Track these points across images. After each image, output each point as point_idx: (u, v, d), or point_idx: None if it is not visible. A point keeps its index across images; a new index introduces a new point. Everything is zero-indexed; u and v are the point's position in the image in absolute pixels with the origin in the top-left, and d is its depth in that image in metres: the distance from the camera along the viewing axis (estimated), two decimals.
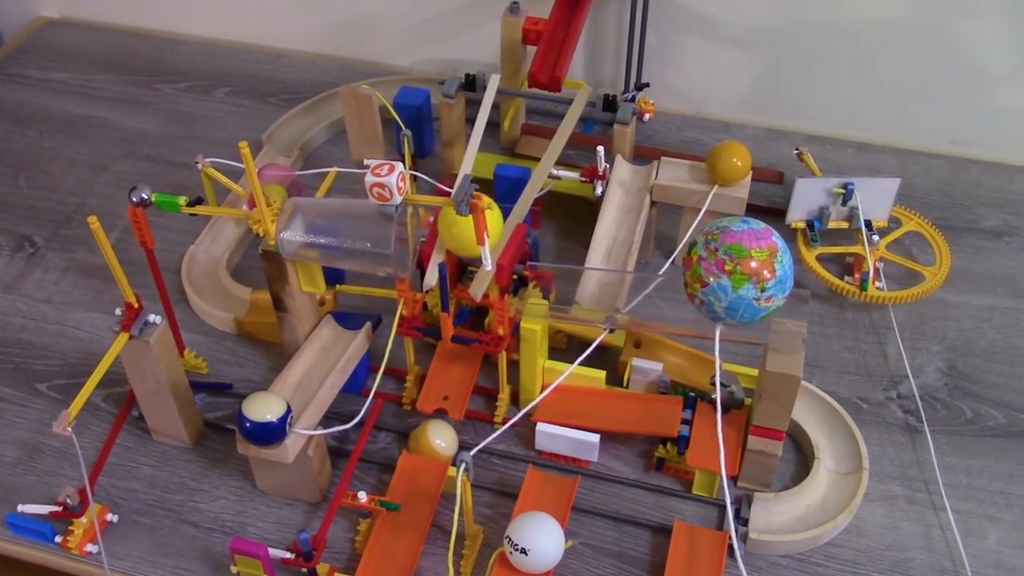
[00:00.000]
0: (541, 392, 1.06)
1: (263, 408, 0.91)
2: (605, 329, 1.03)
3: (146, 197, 0.99)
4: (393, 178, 0.91)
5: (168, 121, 1.48)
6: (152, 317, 0.95)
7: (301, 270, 1.02)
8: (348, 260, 0.97)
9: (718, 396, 0.94)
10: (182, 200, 1.01)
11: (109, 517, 0.99)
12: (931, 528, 1.00)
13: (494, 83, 1.23)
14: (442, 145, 1.32)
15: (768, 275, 0.87)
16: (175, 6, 1.64)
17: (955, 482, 1.03)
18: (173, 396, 1.00)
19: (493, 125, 1.43)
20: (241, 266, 1.25)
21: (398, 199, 0.93)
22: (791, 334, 0.93)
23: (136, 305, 0.95)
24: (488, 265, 0.98)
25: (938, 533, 1.00)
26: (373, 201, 0.92)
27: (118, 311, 0.95)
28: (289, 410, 0.93)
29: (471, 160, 1.15)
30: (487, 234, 0.96)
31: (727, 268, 0.87)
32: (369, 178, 0.93)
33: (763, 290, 0.87)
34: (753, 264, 0.87)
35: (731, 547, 0.94)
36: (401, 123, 1.22)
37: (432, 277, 1.03)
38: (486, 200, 0.97)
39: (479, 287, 0.99)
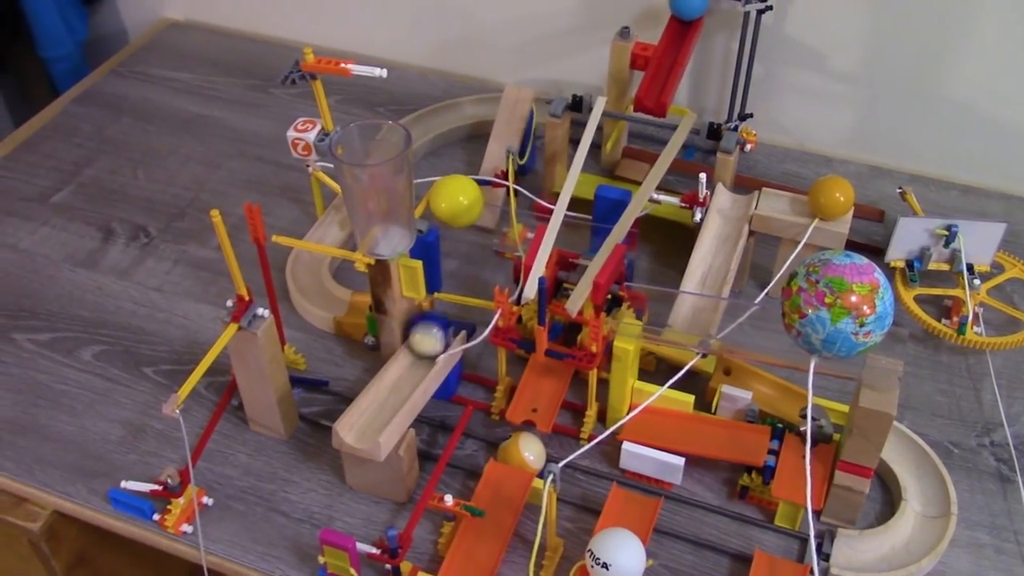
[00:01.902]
0: (629, 412, 1.07)
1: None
2: (697, 354, 1.04)
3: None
4: (312, 134, 1.13)
5: (280, 124, 1.52)
6: (260, 311, 0.99)
7: (404, 276, 1.05)
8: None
9: (808, 428, 0.94)
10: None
11: (205, 500, 1.03)
12: None
13: (600, 105, 1.25)
14: (544, 162, 1.34)
15: (868, 310, 0.87)
16: (293, 15, 1.70)
17: None
18: (273, 388, 1.04)
19: (595, 146, 1.45)
20: (343, 267, 1.29)
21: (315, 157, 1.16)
22: (886, 371, 0.92)
23: (247, 298, 0.98)
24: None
25: None
26: None
27: (229, 302, 0.99)
28: None
29: (574, 180, 1.17)
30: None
31: (827, 301, 0.87)
32: (291, 133, 1.14)
33: (862, 325, 0.87)
34: (853, 298, 0.87)
35: None
36: (532, 136, 1.28)
37: (531, 290, 1.05)
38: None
39: (576, 303, 1.01)
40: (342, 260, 1.30)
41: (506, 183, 1.27)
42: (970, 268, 1.20)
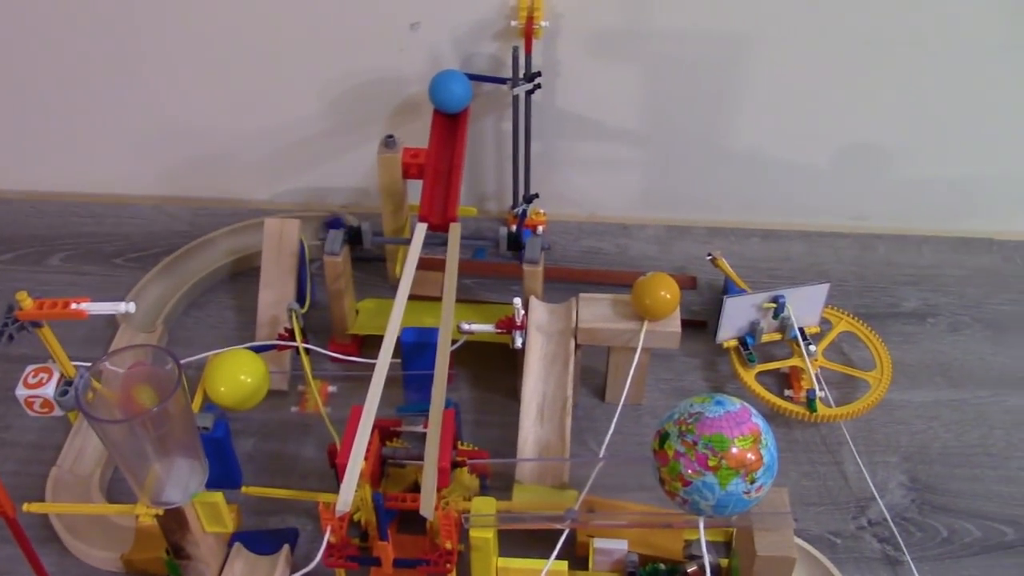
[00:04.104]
0: None
1: None
2: (566, 527, 0.91)
3: None
4: (50, 388, 0.87)
5: None
6: None
7: (203, 512, 0.86)
8: None
9: None
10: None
11: None
12: None
13: (420, 233, 1.09)
14: (329, 300, 1.17)
15: (755, 462, 0.77)
16: None
17: None
18: None
19: (378, 261, 1.30)
20: (117, 482, 1.07)
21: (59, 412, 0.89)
22: (777, 514, 0.83)
23: None
24: None
25: None
26: None
27: None
28: None
29: (397, 325, 1.00)
30: None
31: (711, 464, 0.77)
32: (21, 391, 0.87)
33: (753, 482, 0.77)
34: (735, 451, 0.77)
35: None
36: (308, 270, 1.17)
37: (348, 495, 0.88)
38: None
39: (429, 505, 0.85)
40: (114, 472, 1.08)
41: (294, 344, 1.09)
42: (801, 332, 1.14)
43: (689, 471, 0.78)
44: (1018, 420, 1.13)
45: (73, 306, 0.78)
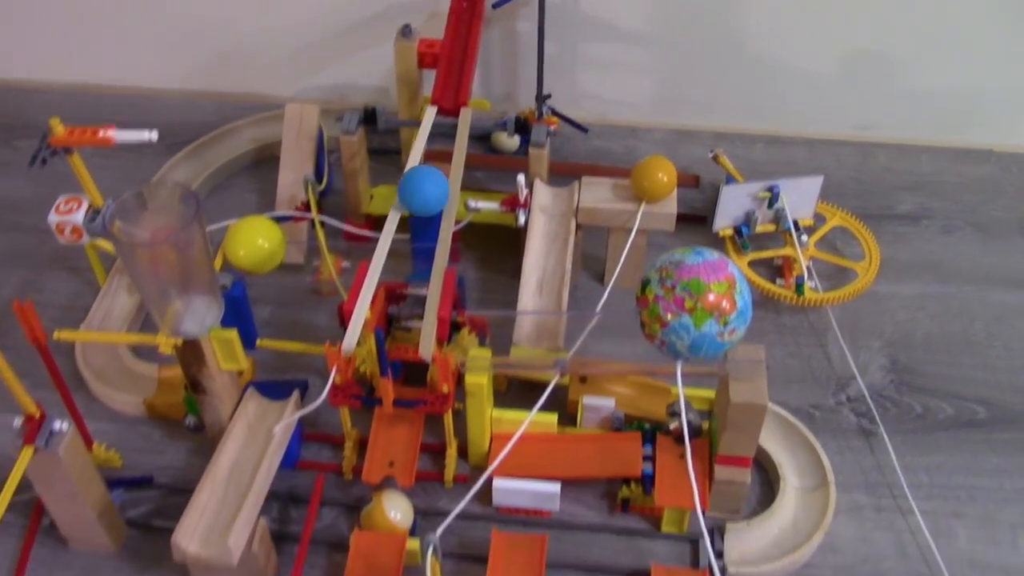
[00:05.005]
0: (491, 443, 1.00)
1: None
2: (556, 375, 0.97)
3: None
4: (79, 215, 1.00)
5: (35, 183, 1.33)
6: (57, 424, 0.85)
7: (218, 347, 0.93)
8: None
9: (687, 440, 0.89)
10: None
11: None
12: (902, 534, 0.98)
13: (430, 115, 1.14)
14: (344, 181, 1.23)
15: (729, 307, 0.83)
16: (27, 51, 1.50)
17: (917, 482, 1.02)
18: (89, 505, 0.90)
19: (393, 153, 1.36)
20: None
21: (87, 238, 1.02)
22: (750, 361, 0.89)
23: (38, 414, 0.84)
24: None
25: (909, 538, 0.98)
26: None
27: (17, 422, 0.84)
28: None
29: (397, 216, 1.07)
30: None
31: (687, 305, 0.82)
32: (53, 217, 1.00)
33: (726, 324, 0.83)
34: (712, 298, 0.83)
35: None
36: (326, 154, 1.22)
37: (353, 338, 0.95)
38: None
39: (427, 347, 0.92)
40: (141, 328, 1.15)
41: (309, 216, 1.16)
42: (795, 224, 1.19)
43: (668, 314, 0.83)
44: (1000, 313, 1.18)
45: (101, 133, 0.85)
